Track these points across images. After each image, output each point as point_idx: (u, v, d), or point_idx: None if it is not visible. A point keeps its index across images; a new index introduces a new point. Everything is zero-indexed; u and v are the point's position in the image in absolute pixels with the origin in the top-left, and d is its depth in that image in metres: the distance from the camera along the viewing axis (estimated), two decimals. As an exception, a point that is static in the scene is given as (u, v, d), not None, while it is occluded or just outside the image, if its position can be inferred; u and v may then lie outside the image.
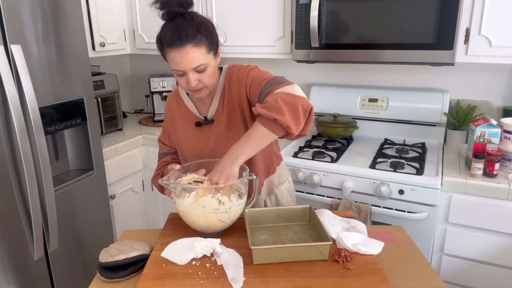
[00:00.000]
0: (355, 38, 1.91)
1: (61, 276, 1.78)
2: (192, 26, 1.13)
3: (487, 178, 1.67)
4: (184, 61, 1.14)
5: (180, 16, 1.15)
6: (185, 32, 1.12)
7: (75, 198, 1.84)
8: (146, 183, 2.50)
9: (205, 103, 1.33)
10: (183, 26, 1.12)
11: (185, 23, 1.13)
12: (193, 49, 1.13)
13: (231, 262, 1.04)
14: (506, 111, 2.00)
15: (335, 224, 1.23)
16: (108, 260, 1.07)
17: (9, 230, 1.54)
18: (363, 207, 1.77)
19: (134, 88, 3.10)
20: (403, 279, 1.04)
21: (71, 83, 1.75)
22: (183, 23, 1.13)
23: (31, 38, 1.55)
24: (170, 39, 1.13)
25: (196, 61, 1.14)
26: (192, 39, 1.12)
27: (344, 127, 2.16)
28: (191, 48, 1.13)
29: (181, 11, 1.15)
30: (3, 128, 1.48)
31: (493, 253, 1.68)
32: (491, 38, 1.72)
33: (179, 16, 1.15)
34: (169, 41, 1.13)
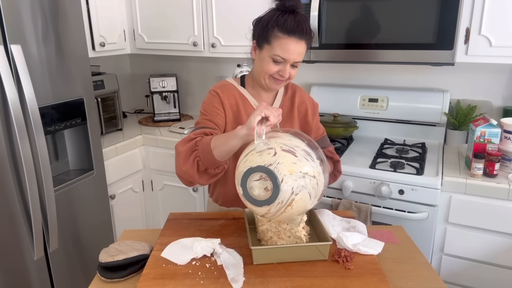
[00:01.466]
0: (355, 38, 1.91)
1: (61, 276, 1.78)
2: (309, 27, 1.23)
3: (487, 178, 1.67)
4: (295, 52, 1.21)
5: (298, 13, 1.22)
6: (306, 28, 1.20)
7: (75, 198, 1.84)
8: (146, 183, 2.50)
9: (263, 100, 1.38)
10: (304, 22, 1.21)
11: (305, 21, 1.21)
12: (304, 46, 1.23)
13: (231, 262, 1.04)
14: (506, 111, 1.99)
15: (335, 224, 1.23)
16: (108, 260, 1.07)
17: (9, 230, 1.54)
18: (363, 207, 1.77)
19: (134, 88, 3.10)
20: (403, 279, 1.04)
21: (71, 83, 1.75)
22: (304, 20, 1.21)
23: (31, 38, 1.55)
24: (292, 27, 1.18)
25: (301, 56, 1.24)
26: (308, 37, 1.22)
27: (344, 127, 2.16)
28: (304, 44, 1.22)
29: (301, 10, 1.24)
30: (3, 128, 1.48)
31: (493, 253, 1.68)
32: (491, 38, 1.72)
33: (297, 12, 1.21)
34: (292, 29, 1.18)
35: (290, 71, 1.25)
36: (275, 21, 1.20)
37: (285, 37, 1.19)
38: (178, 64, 2.87)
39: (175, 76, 2.67)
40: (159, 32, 2.45)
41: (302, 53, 1.23)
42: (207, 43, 2.34)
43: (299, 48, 1.21)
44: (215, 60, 2.70)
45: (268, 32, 1.21)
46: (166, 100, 2.71)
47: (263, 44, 1.24)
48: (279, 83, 1.28)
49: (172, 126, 2.52)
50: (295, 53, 1.21)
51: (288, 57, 1.21)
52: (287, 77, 1.25)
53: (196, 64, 2.81)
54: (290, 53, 1.20)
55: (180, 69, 2.88)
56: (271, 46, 1.21)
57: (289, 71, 1.24)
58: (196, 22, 2.32)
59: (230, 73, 2.63)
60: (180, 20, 2.35)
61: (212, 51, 2.34)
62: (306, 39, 1.22)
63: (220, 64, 2.72)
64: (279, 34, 1.19)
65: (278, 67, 1.24)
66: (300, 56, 1.23)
